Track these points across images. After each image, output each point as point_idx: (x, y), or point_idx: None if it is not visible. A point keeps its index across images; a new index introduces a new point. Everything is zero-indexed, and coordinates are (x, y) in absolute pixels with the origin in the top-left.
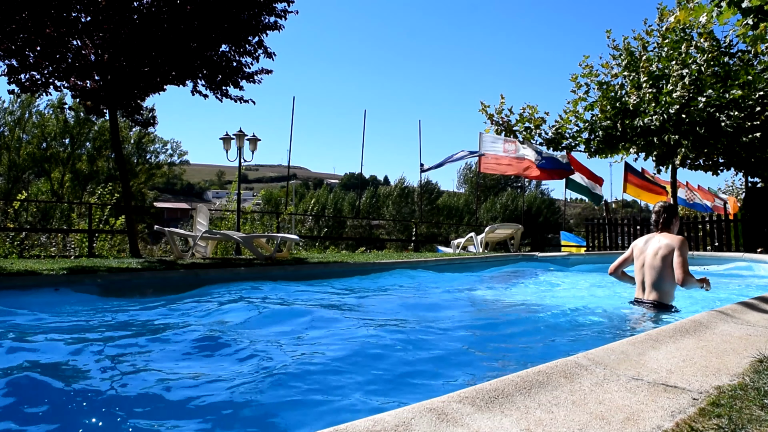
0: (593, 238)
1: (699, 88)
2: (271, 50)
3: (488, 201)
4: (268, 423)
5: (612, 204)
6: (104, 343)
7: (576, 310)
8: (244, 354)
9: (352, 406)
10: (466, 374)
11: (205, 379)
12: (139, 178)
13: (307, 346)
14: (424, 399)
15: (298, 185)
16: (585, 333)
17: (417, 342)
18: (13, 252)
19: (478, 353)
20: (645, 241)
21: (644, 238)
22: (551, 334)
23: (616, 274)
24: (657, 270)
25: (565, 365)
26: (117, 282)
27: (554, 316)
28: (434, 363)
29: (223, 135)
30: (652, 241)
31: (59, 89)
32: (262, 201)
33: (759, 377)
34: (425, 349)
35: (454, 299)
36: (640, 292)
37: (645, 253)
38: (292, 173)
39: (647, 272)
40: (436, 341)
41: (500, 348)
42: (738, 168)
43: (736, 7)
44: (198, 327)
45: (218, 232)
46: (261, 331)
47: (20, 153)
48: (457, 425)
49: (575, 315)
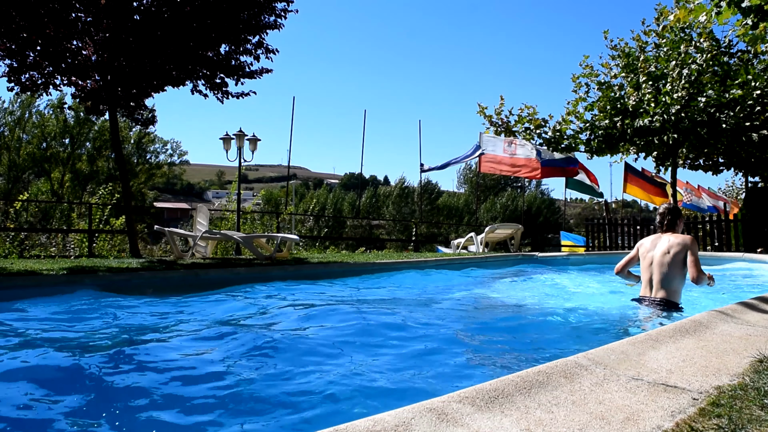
0: (593, 238)
1: (699, 88)
2: (272, 47)
3: (488, 201)
4: (268, 422)
5: (612, 204)
6: (104, 344)
7: (576, 310)
8: (244, 354)
9: (351, 406)
10: (466, 374)
11: (205, 379)
12: (139, 178)
13: (306, 345)
14: (424, 399)
15: (298, 185)
16: (585, 333)
17: (416, 342)
18: (13, 252)
19: (478, 353)
20: (651, 241)
21: (650, 238)
22: (551, 334)
23: (622, 273)
24: (666, 268)
25: (565, 365)
26: (117, 282)
27: (554, 316)
28: (434, 363)
29: (223, 135)
30: (661, 241)
31: (59, 89)
32: (262, 201)
33: (759, 377)
34: (425, 349)
35: (453, 299)
36: (647, 290)
37: (653, 252)
38: (292, 173)
39: (655, 271)
40: (435, 341)
41: (500, 348)
42: (738, 168)
43: (736, 7)
44: (198, 327)
45: (218, 232)
46: (261, 330)
47: (20, 153)
48: (457, 425)
49: (575, 315)
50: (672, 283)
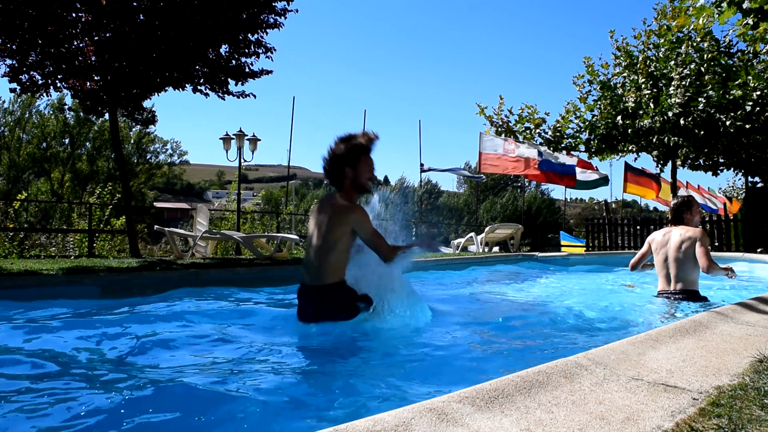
0: (593, 238)
1: (699, 89)
2: (270, 45)
3: (488, 201)
4: (268, 422)
5: (612, 204)
6: (104, 344)
7: (576, 310)
8: (244, 354)
9: (351, 406)
10: (466, 374)
11: (205, 378)
12: (139, 178)
13: (306, 345)
14: (424, 399)
15: (298, 185)
16: (585, 333)
17: (416, 341)
18: (13, 252)
19: (478, 353)
20: (663, 234)
21: (661, 232)
22: (551, 334)
23: (636, 269)
24: (681, 261)
25: (565, 365)
26: (117, 282)
27: (554, 316)
28: (434, 363)
29: (223, 135)
30: (672, 235)
31: (59, 89)
32: (261, 201)
33: (759, 377)
34: (424, 349)
35: (453, 299)
36: (665, 284)
37: (666, 246)
38: (292, 173)
39: (671, 265)
40: (435, 341)
41: (500, 348)
42: (738, 168)
43: (736, 7)
44: (197, 326)
45: (218, 232)
46: (261, 330)
47: (20, 153)
48: (457, 425)
49: (575, 315)
50: (690, 275)
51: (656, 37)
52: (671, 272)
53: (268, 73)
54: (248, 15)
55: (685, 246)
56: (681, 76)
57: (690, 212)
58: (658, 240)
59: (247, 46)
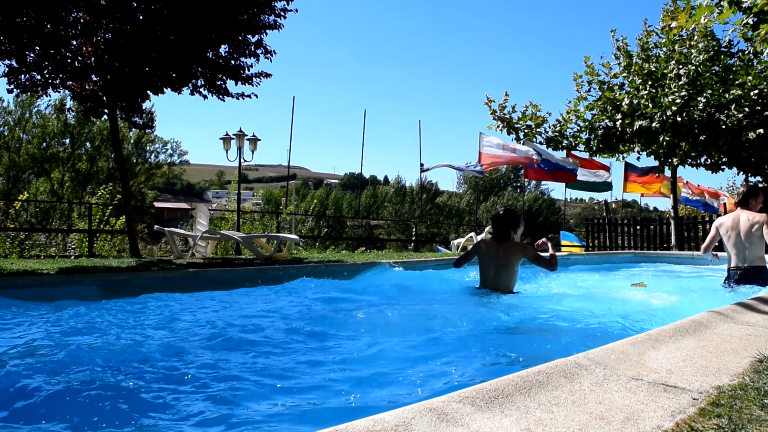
0: (593, 238)
1: (698, 89)
2: (270, 47)
3: (488, 201)
4: (268, 422)
5: (612, 204)
6: (104, 344)
7: (575, 309)
8: (244, 353)
9: (351, 406)
10: (466, 374)
11: (204, 378)
12: (139, 178)
13: (305, 345)
14: (424, 399)
15: (299, 185)
16: (585, 333)
17: (416, 341)
18: (13, 252)
19: (478, 353)
20: (732, 219)
21: (728, 216)
22: (551, 334)
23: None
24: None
25: (565, 365)
26: (117, 282)
27: (553, 316)
28: (434, 363)
29: (223, 135)
30: (741, 218)
31: (58, 90)
32: (262, 201)
33: (759, 377)
34: (424, 349)
35: (452, 299)
36: (739, 261)
37: (737, 229)
38: (292, 173)
39: (744, 245)
40: (434, 341)
41: (500, 348)
42: (739, 167)
43: (736, 6)
44: (197, 326)
45: (218, 232)
46: (261, 329)
47: (20, 153)
48: (457, 425)
49: (574, 315)
50: (759, 252)
51: (657, 36)
52: (743, 251)
53: (268, 76)
54: (248, 15)
55: (755, 228)
56: (681, 75)
57: (756, 199)
58: (727, 224)
59: (247, 47)
